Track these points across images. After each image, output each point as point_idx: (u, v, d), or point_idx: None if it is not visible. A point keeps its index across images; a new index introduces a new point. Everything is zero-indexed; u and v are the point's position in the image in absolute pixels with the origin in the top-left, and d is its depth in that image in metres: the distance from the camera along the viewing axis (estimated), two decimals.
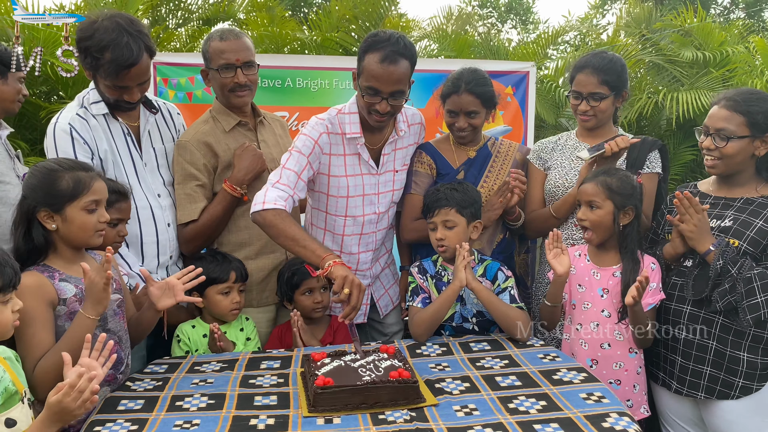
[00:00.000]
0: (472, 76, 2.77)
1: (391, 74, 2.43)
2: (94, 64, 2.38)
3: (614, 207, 2.45)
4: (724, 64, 5.71)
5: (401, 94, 2.51)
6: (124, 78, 2.39)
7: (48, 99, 5.54)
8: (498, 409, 1.89)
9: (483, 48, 6.15)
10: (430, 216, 2.59)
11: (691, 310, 2.42)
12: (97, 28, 2.34)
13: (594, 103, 2.75)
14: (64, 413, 1.62)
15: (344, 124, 2.64)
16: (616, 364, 2.47)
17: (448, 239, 2.55)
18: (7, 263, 1.67)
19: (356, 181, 2.71)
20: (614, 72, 2.74)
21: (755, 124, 2.36)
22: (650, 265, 2.47)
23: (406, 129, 2.77)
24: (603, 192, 2.46)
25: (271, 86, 4.00)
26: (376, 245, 2.84)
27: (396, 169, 2.80)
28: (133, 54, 2.34)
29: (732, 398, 2.37)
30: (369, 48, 2.46)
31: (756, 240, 2.32)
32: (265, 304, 2.84)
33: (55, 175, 2.03)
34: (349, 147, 2.66)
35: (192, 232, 2.69)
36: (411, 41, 2.53)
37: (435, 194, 2.60)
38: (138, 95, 2.48)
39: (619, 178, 2.48)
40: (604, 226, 2.47)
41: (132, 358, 2.42)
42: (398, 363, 2.09)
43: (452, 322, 2.60)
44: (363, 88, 2.50)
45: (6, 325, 1.69)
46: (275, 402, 1.99)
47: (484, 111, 2.80)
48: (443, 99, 2.85)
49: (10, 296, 1.71)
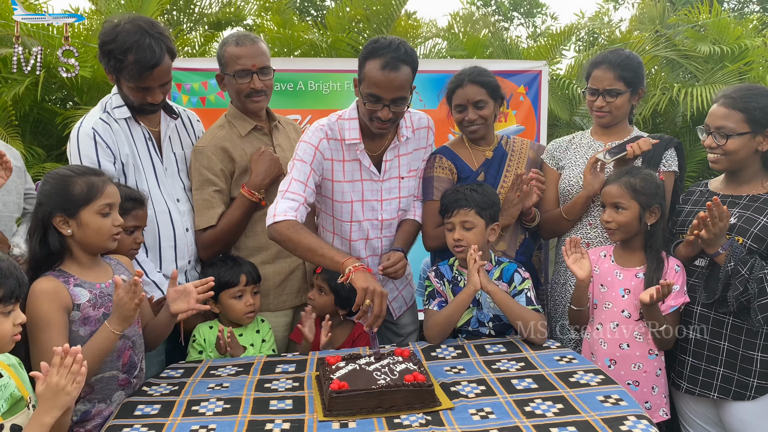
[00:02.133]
0: (473, 69, 2.81)
1: (393, 81, 2.42)
2: (117, 66, 2.41)
3: (640, 207, 2.43)
4: (740, 58, 5.64)
5: (403, 101, 2.49)
6: (147, 79, 2.42)
7: (63, 105, 5.59)
8: (514, 413, 1.88)
9: (495, 48, 6.12)
10: (449, 216, 2.58)
11: (702, 310, 2.42)
12: (120, 31, 2.38)
13: (610, 99, 2.73)
14: (57, 394, 1.59)
15: (344, 130, 2.63)
16: (635, 365, 2.44)
17: (466, 240, 2.53)
18: (12, 274, 1.65)
19: (355, 187, 2.70)
20: (631, 68, 2.72)
21: (754, 120, 2.35)
22: (674, 267, 2.45)
23: (410, 134, 2.73)
24: (628, 193, 2.44)
25: (282, 90, 4.01)
26: (382, 251, 2.81)
27: (401, 176, 2.76)
28: (156, 55, 2.38)
29: (748, 399, 2.35)
30: (370, 55, 2.45)
31: (760, 237, 2.31)
32: (283, 308, 2.85)
33: (68, 181, 2.06)
34: (348, 153, 2.65)
35: (211, 237, 2.70)
36: (411, 47, 2.50)
37: (454, 194, 2.59)
38: (161, 97, 2.51)
39: (642, 177, 2.46)
40: (630, 227, 2.46)
41: (151, 364, 2.45)
42: (413, 366, 2.08)
43: (468, 327, 2.59)
44: (364, 95, 2.49)
45: (4, 338, 1.66)
46: (290, 406, 1.99)
47: (491, 102, 2.79)
48: (449, 97, 2.84)
49: (12, 308, 1.67)
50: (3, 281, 1.63)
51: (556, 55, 6.07)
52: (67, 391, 1.60)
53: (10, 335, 1.67)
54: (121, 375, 2.13)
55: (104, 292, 2.09)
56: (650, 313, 2.37)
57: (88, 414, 2.05)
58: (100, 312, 2.06)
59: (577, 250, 2.46)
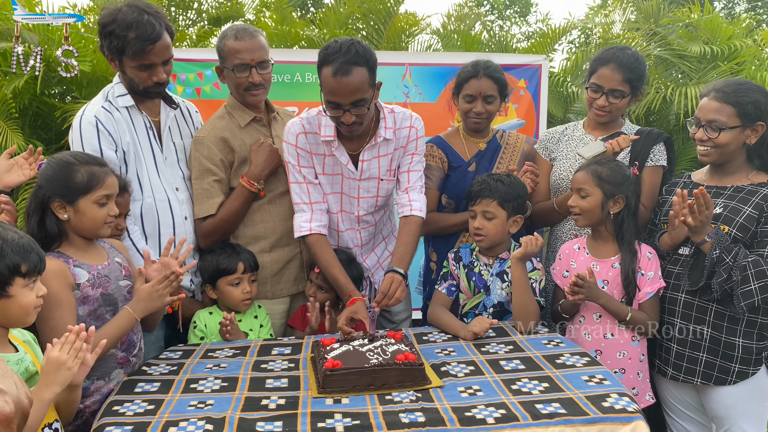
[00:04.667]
0: (488, 62, 2.88)
1: (346, 86, 2.41)
2: (119, 46, 2.47)
3: (603, 195, 2.50)
4: (732, 58, 5.71)
5: (362, 102, 2.47)
6: (150, 54, 2.48)
7: (63, 99, 5.63)
8: (502, 390, 1.95)
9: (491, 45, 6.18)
10: (472, 204, 2.65)
11: (686, 297, 2.47)
12: (119, 11, 2.46)
13: (614, 100, 2.75)
14: (59, 368, 1.63)
15: (321, 126, 2.67)
16: (620, 353, 2.51)
17: (486, 230, 2.60)
18: (33, 249, 1.74)
19: (335, 180, 2.76)
20: (639, 72, 2.74)
21: (745, 114, 2.40)
22: (647, 255, 2.52)
23: (389, 135, 2.70)
24: (592, 180, 2.51)
25: (280, 81, 4.05)
26: (362, 242, 2.89)
27: (381, 177, 2.77)
28: (156, 29, 2.45)
29: (729, 384, 2.42)
30: (322, 62, 2.46)
31: (745, 226, 2.37)
32: (280, 296, 2.90)
33: (71, 168, 2.11)
34: (327, 148, 2.70)
35: (210, 226, 2.75)
36: (366, 45, 2.49)
37: (480, 184, 2.65)
38: (164, 76, 2.57)
39: (610, 167, 2.53)
40: (592, 213, 2.53)
41: (150, 349, 2.51)
42: (405, 347, 2.15)
43: (476, 310, 2.66)
44: (324, 102, 2.51)
45: (28, 309, 1.74)
46: (286, 384, 2.06)
47: (498, 99, 2.87)
48: (460, 85, 2.88)
49: (35, 281, 1.76)
50: (26, 256, 1.70)
51: (550, 53, 6.13)
52: (68, 366, 1.64)
53: (34, 306, 1.75)
54: (120, 353, 2.20)
55: (101, 273, 2.15)
56: (594, 297, 2.45)
57: (86, 390, 2.11)
58: (98, 292, 2.13)
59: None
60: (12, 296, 1.70)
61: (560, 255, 2.70)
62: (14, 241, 1.69)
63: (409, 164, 2.79)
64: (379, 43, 5.69)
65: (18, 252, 1.69)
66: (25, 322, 1.78)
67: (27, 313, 1.75)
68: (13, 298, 1.70)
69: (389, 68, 4.06)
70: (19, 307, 1.72)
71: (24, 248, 1.70)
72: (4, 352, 1.74)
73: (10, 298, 1.70)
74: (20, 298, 1.71)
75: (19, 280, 1.70)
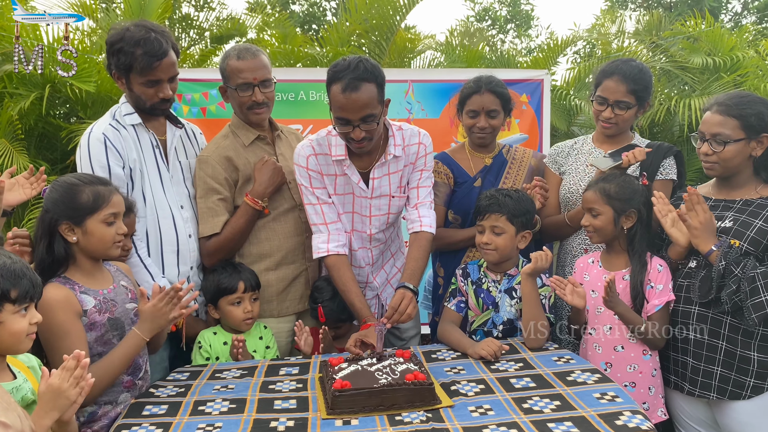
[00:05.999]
0: (490, 77, 2.90)
1: (355, 102, 2.44)
2: (127, 62, 2.52)
3: (614, 212, 2.49)
4: (735, 69, 5.72)
5: (372, 118, 2.49)
6: (157, 70, 2.53)
7: (68, 119, 5.67)
8: (513, 410, 1.92)
9: (493, 60, 6.21)
10: (480, 219, 2.64)
11: (699, 310, 2.44)
12: (127, 30, 2.53)
13: (619, 112, 2.75)
14: (58, 396, 1.60)
15: (332, 146, 2.68)
16: (630, 366, 2.49)
17: (495, 244, 2.59)
18: (25, 275, 1.69)
19: (346, 200, 2.76)
20: (643, 82, 2.74)
21: (749, 126, 2.39)
22: (657, 267, 2.50)
23: (399, 152, 2.71)
24: (601, 198, 2.51)
25: (284, 99, 4.08)
26: (373, 260, 2.88)
27: (392, 194, 2.77)
28: (162, 46, 2.51)
29: (744, 398, 2.38)
30: (331, 79, 2.48)
31: (756, 240, 2.35)
32: (286, 314, 2.89)
33: (75, 189, 2.11)
34: (338, 168, 2.71)
35: (215, 245, 2.75)
36: (374, 62, 2.52)
37: (489, 198, 2.64)
38: (169, 92, 2.61)
39: (617, 183, 2.52)
40: (606, 230, 2.52)
41: (154, 370, 2.49)
42: (414, 366, 2.13)
43: (485, 327, 2.64)
44: (334, 119, 2.54)
45: (20, 336, 1.67)
46: (294, 406, 2.04)
47: (502, 114, 2.88)
48: (463, 101, 2.91)
49: (27, 306, 1.71)
50: (16, 282, 1.66)
51: (552, 66, 6.15)
52: (68, 394, 1.61)
53: (26, 333, 1.70)
54: (126, 377, 2.18)
55: (107, 298, 2.15)
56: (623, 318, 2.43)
57: (94, 415, 2.10)
58: (105, 317, 2.11)
59: (568, 283, 2.48)
60: (1, 322, 1.65)
61: (575, 268, 2.69)
62: (6, 266, 1.65)
63: (419, 180, 2.79)
64: (382, 60, 5.72)
65: (8, 277, 1.64)
66: (18, 350, 1.73)
67: (19, 341, 1.69)
68: (3, 324, 1.65)
69: (392, 85, 4.03)
70: (9, 334, 1.66)
71: (15, 273, 1.66)
72: (1, 379, 1.70)
73: (0, 325, 1.65)
74: (10, 324, 1.66)
75: (8, 306, 1.65)
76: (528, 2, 12.19)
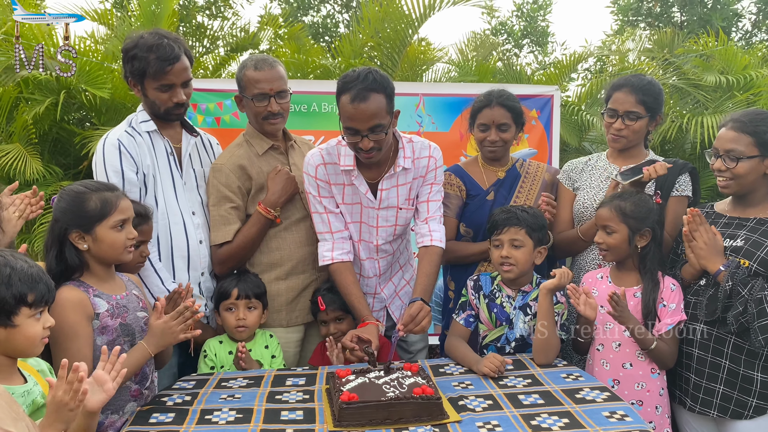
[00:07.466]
0: (501, 91, 2.91)
1: (364, 112, 2.46)
2: (141, 67, 2.56)
3: (629, 230, 2.49)
4: (748, 87, 5.71)
5: (380, 128, 2.51)
6: (169, 74, 2.57)
7: (81, 125, 5.72)
8: (521, 426, 1.91)
9: (505, 74, 6.22)
10: (498, 233, 2.61)
11: (704, 328, 2.43)
12: (141, 37, 2.59)
13: (629, 123, 2.76)
14: (60, 409, 1.59)
15: (341, 156, 2.69)
16: (638, 384, 2.47)
17: (515, 258, 2.57)
18: (41, 279, 1.72)
19: (354, 209, 2.77)
20: (652, 94, 2.76)
21: (763, 143, 2.40)
22: (670, 286, 2.49)
23: (408, 165, 2.72)
24: (617, 216, 2.50)
25: (297, 111, 4.10)
26: (380, 271, 2.88)
27: (400, 206, 2.78)
28: (174, 51, 2.56)
29: (746, 418, 2.37)
30: (341, 90, 2.51)
31: (767, 261, 2.33)
32: (295, 323, 2.89)
33: (83, 197, 2.12)
34: (346, 178, 2.72)
35: (226, 253, 2.76)
36: (384, 73, 2.54)
37: (505, 213, 2.63)
38: (183, 97, 2.64)
39: (633, 202, 2.51)
40: (620, 248, 2.52)
41: (163, 375, 2.50)
42: (422, 380, 2.12)
43: (498, 343, 2.62)
44: (343, 129, 2.55)
45: (34, 340, 1.71)
46: (301, 417, 2.03)
47: (514, 127, 2.89)
48: (474, 115, 2.92)
49: (42, 311, 1.73)
50: (33, 286, 1.68)
51: (564, 82, 6.16)
52: (70, 407, 1.59)
53: (40, 338, 1.72)
54: (134, 386, 2.18)
55: (120, 303, 2.16)
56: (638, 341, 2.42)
57: (101, 425, 2.10)
58: (117, 322, 2.13)
59: (582, 293, 2.47)
60: (17, 326, 1.67)
61: (583, 283, 2.67)
62: (23, 270, 1.67)
63: (428, 194, 2.79)
64: (394, 72, 5.74)
65: (26, 281, 1.67)
66: (32, 353, 1.75)
67: (33, 345, 1.71)
68: (19, 327, 1.67)
69: (403, 98, 4.09)
70: (25, 337, 1.69)
71: (32, 278, 1.68)
72: (12, 383, 1.71)
73: (16, 328, 1.67)
74: (26, 328, 1.68)
75: (25, 309, 1.67)
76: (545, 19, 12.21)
